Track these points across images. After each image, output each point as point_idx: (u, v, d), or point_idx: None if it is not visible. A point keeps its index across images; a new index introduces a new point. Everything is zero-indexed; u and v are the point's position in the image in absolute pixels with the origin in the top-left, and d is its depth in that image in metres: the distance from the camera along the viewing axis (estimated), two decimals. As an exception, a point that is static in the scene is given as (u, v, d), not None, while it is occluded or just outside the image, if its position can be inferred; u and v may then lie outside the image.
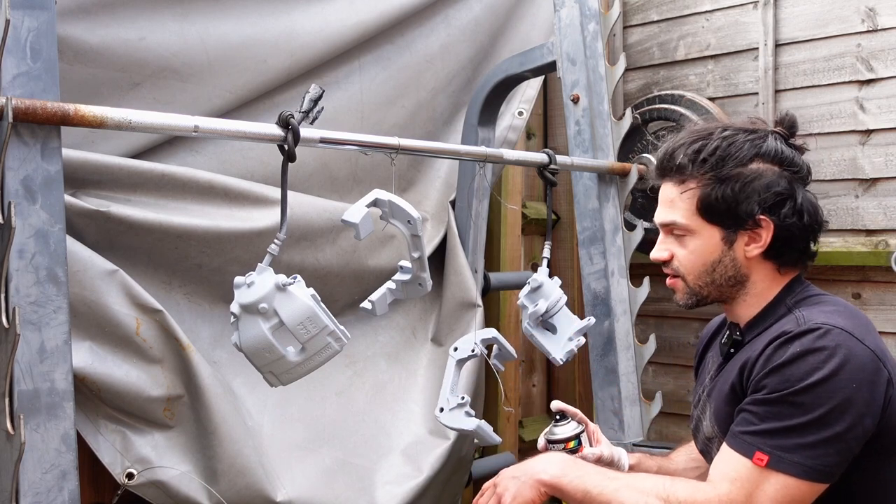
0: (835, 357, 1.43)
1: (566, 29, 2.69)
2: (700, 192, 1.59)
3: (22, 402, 1.51)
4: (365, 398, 2.61)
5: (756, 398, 1.49)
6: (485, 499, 1.64)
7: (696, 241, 1.62)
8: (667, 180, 1.66)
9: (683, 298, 1.69)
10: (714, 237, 1.61)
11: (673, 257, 1.66)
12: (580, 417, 1.82)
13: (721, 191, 1.57)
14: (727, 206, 1.57)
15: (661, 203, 1.67)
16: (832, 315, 1.51)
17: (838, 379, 1.42)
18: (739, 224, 1.58)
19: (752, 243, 1.60)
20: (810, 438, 1.43)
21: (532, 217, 3.38)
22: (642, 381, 2.73)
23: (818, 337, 1.45)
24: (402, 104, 2.79)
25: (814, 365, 1.43)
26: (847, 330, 1.47)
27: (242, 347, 1.70)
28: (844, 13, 2.83)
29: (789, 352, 1.46)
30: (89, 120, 1.58)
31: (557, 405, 1.82)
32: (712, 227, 1.60)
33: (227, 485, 2.14)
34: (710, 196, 1.58)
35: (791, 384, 1.44)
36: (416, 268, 1.93)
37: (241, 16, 2.35)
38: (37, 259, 1.54)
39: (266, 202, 2.34)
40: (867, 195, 2.80)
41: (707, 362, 1.81)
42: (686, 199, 1.61)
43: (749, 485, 1.45)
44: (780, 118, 1.67)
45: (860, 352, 1.45)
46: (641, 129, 3.04)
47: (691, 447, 1.91)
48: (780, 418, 1.45)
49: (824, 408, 1.42)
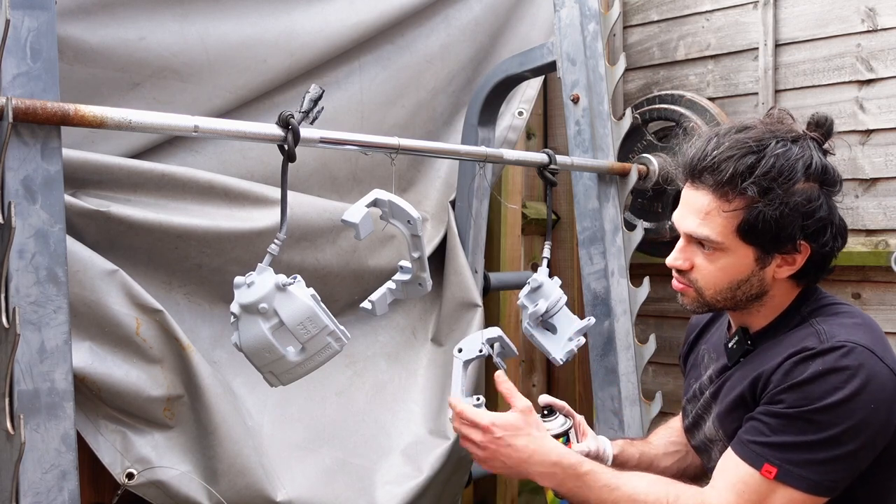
0: (856, 378, 1.41)
1: (566, 29, 2.69)
2: (745, 213, 1.47)
3: (22, 402, 1.51)
4: (365, 398, 2.61)
5: (771, 410, 1.46)
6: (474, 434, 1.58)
7: (726, 260, 1.52)
8: (702, 187, 1.52)
9: (693, 306, 1.60)
10: (748, 257, 1.51)
11: (693, 268, 1.56)
12: (567, 411, 1.80)
13: (767, 213, 1.45)
14: (770, 230, 1.47)
15: (689, 209, 1.54)
16: (853, 330, 1.48)
17: (859, 400, 1.40)
18: (777, 248, 1.50)
19: (785, 266, 1.52)
20: (822, 455, 1.41)
21: (532, 217, 3.37)
22: (642, 381, 2.72)
23: (842, 356, 1.42)
24: (402, 104, 2.79)
25: (835, 385, 1.41)
26: (869, 347, 1.44)
27: (242, 347, 1.70)
28: (844, 13, 2.83)
29: (811, 369, 1.43)
30: (89, 120, 1.58)
31: (545, 399, 1.79)
32: (747, 248, 1.50)
33: (227, 485, 2.14)
34: (755, 218, 1.46)
35: (810, 402, 1.41)
36: (416, 268, 1.93)
37: (241, 16, 2.35)
38: (37, 259, 1.54)
39: (266, 202, 2.34)
40: (867, 195, 2.80)
41: (701, 354, 1.78)
42: (727, 217, 1.49)
43: (755, 496, 1.44)
44: (816, 120, 1.55)
45: (881, 372, 1.43)
46: (641, 129, 3.04)
47: (671, 430, 1.89)
48: (794, 433, 1.43)
49: (840, 427, 1.40)
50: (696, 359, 1.81)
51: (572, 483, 1.54)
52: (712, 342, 1.76)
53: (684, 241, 1.57)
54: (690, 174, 1.54)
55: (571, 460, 1.56)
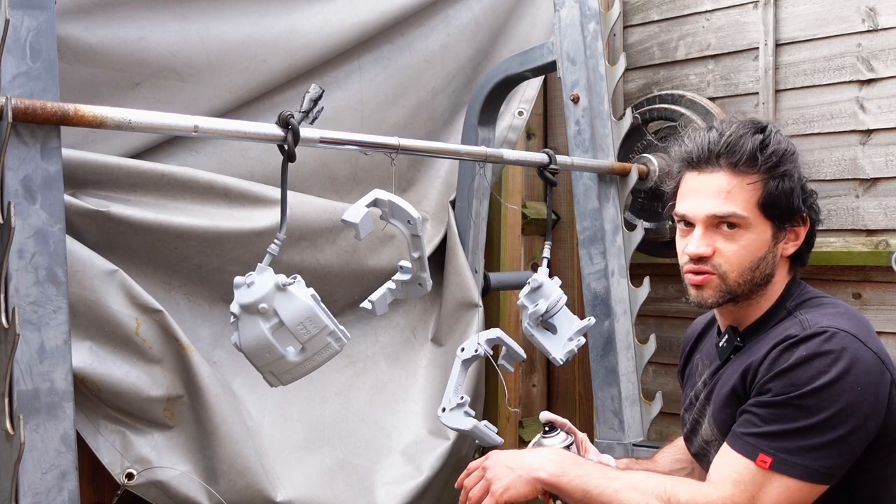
0: (841, 360, 1.43)
1: (566, 29, 2.69)
2: (765, 185, 1.55)
3: (21, 403, 1.51)
4: (365, 398, 2.61)
5: (761, 400, 1.48)
6: (471, 480, 1.60)
7: (749, 236, 1.56)
8: (716, 170, 1.58)
9: (714, 297, 1.59)
10: (766, 233, 1.57)
11: (716, 253, 1.58)
12: (569, 428, 1.81)
13: (781, 185, 1.56)
14: (784, 202, 1.56)
15: (706, 194, 1.58)
16: (836, 318, 1.50)
17: (844, 382, 1.42)
18: (790, 220, 1.59)
19: (791, 241, 1.61)
20: (814, 441, 1.43)
21: (532, 217, 3.37)
22: (642, 381, 2.72)
23: (824, 340, 1.45)
24: (402, 104, 2.79)
25: (820, 369, 1.43)
26: (852, 333, 1.47)
27: (242, 347, 1.70)
28: (844, 13, 2.82)
29: (795, 355, 1.45)
30: (89, 120, 1.58)
31: (546, 416, 1.79)
32: (766, 223, 1.57)
33: (227, 485, 2.14)
34: (774, 189, 1.55)
35: (797, 388, 1.43)
36: (416, 268, 1.93)
37: (241, 16, 2.35)
38: (36, 259, 1.54)
39: (266, 202, 2.34)
40: (867, 195, 2.79)
41: (696, 364, 1.80)
42: (749, 191, 1.55)
43: (752, 487, 1.45)
44: None
45: (865, 355, 1.45)
46: (641, 129, 3.04)
47: (676, 448, 1.91)
48: (785, 421, 1.44)
49: (829, 411, 1.42)
50: (691, 369, 1.83)
51: (574, 471, 1.55)
52: (705, 351, 1.78)
53: (702, 228, 1.58)
54: (700, 162, 1.60)
55: (572, 452, 1.64)
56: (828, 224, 2.81)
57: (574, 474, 1.55)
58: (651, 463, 1.91)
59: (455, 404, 1.96)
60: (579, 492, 1.53)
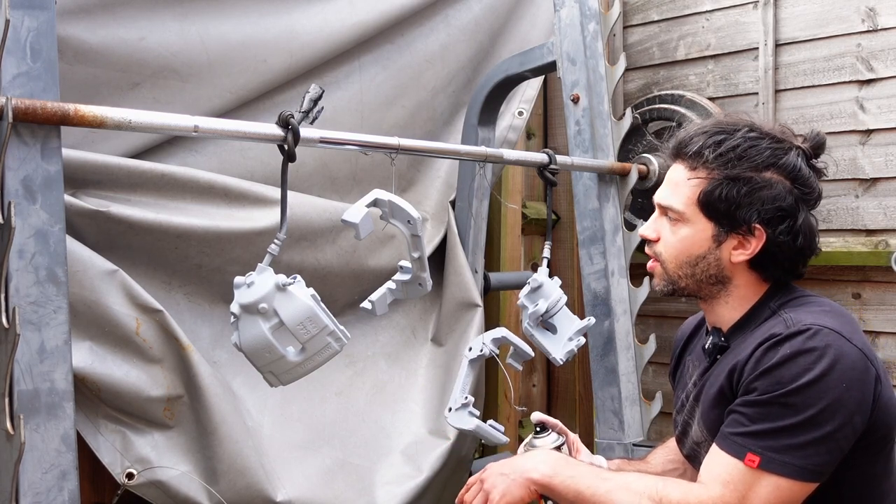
0: (825, 357, 1.43)
1: (566, 29, 2.69)
2: (706, 184, 1.56)
3: (22, 402, 1.51)
4: (365, 398, 2.62)
5: (747, 400, 1.48)
6: (470, 494, 1.62)
7: (686, 231, 1.60)
8: (679, 162, 1.63)
9: (660, 284, 1.67)
10: (705, 232, 1.58)
11: (659, 239, 1.64)
12: (560, 429, 1.81)
13: (727, 189, 1.54)
14: (727, 206, 1.54)
15: (666, 182, 1.65)
16: (820, 315, 1.51)
17: (829, 379, 1.42)
18: (733, 227, 1.56)
19: (740, 249, 1.57)
20: (801, 439, 1.43)
21: (532, 217, 3.37)
22: (642, 381, 2.73)
23: (808, 338, 1.45)
24: (402, 104, 2.79)
25: (804, 366, 1.43)
26: (836, 330, 1.47)
27: (242, 347, 1.70)
28: (844, 13, 2.82)
29: (780, 353, 1.46)
30: (89, 120, 1.58)
31: (537, 417, 1.80)
32: (707, 222, 1.58)
33: (227, 485, 2.14)
34: (714, 191, 1.55)
35: (782, 386, 1.44)
36: (416, 268, 1.93)
37: (241, 16, 2.35)
38: (37, 259, 1.54)
39: (266, 202, 2.34)
40: (867, 195, 2.79)
41: (686, 366, 1.80)
42: (690, 187, 1.58)
43: (742, 486, 1.45)
44: (810, 135, 1.64)
45: (850, 351, 1.45)
46: (641, 129, 3.04)
47: (668, 449, 1.91)
48: (772, 419, 1.44)
49: (815, 408, 1.42)
50: (681, 371, 1.84)
51: (566, 472, 1.56)
52: (695, 352, 1.79)
53: (657, 213, 1.66)
54: (673, 153, 1.65)
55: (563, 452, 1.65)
56: (828, 224, 2.81)
57: (566, 475, 1.55)
58: (643, 464, 1.91)
59: (460, 404, 1.96)
60: (571, 492, 1.54)
